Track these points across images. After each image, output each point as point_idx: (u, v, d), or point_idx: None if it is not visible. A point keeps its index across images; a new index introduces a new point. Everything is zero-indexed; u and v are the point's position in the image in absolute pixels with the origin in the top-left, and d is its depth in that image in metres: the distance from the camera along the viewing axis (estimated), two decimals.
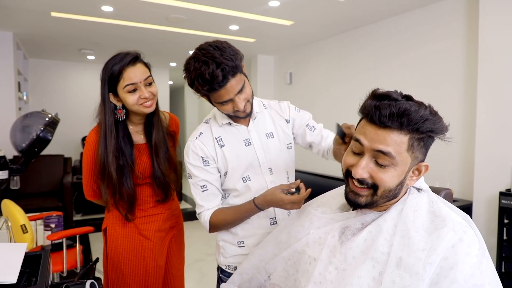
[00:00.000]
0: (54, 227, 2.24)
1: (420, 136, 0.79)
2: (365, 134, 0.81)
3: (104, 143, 1.42)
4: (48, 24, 3.97)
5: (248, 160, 1.30)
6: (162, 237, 1.59)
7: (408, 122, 0.76)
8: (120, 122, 1.45)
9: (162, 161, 1.51)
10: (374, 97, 0.81)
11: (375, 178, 0.81)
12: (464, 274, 0.71)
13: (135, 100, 1.39)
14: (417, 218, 0.81)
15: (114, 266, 1.52)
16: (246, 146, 1.31)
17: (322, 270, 0.86)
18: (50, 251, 1.23)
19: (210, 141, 1.29)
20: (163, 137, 1.53)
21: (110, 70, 1.38)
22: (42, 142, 2.60)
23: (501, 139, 2.73)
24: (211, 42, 1.16)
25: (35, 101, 5.81)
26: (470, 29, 3.03)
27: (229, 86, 1.13)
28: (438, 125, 0.78)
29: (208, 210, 1.29)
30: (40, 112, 2.79)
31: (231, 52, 1.13)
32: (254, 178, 1.31)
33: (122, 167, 1.44)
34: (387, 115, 0.77)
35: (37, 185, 4.62)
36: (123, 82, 1.38)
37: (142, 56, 1.46)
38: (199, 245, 4.13)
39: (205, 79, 1.11)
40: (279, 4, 3.37)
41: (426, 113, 0.77)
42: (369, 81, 4.02)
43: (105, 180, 1.44)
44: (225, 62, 1.10)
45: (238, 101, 1.18)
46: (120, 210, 1.51)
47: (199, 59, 1.12)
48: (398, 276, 0.74)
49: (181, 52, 5.57)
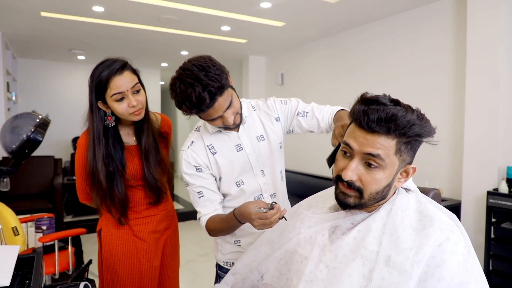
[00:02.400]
0: (45, 229, 2.23)
1: (407, 140, 0.81)
2: (354, 138, 0.83)
3: (93, 151, 1.42)
4: (37, 24, 3.93)
5: (241, 165, 1.32)
6: (156, 238, 1.60)
7: (395, 127, 0.78)
8: (110, 128, 1.45)
9: (152, 165, 1.51)
10: (363, 102, 0.83)
11: (363, 181, 0.83)
12: (451, 272, 0.73)
13: (124, 109, 1.38)
14: (405, 218, 0.83)
15: (109, 267, 1.53)
16: (238, 152, 1.32)
17: (313, 269, 0.88)
18: (42, 253, 1.23)
19: (202, 149, 1.31)
20: (153, 141, 1.53)
21: (98, 79, 1.36)
22: (33, 144, 2.58)
23: (488, 139, 2.78)
24: (194, 60, 1.14)
25: (24, 102, 5.74)
26: (459, 28, 3.08)
27: (217, 105, 1.14)
28: (425, 129, 0.80)
29: (205, 215, 1.31)
30: (31, 113, 2.77)
31: (216, 71, 1.12)
32: (247, 182, 1.33)
33: (112, 173, 1.44)
34: (375, 120, 0.78)
35: (27, 187, 4.57)
36: (110, 91, 1.36)
37: (130, 62, 1.45)
38: (192, 246, 4.13)
39: (192, 102, 1.10)
40: (271, 5, 3.39)
41: (413, 118, 0.79)
42: (359, 81, 4.07)
43: (95, 186, 1.44)
44: (211, 84, 1.09)
45: (227, 116, 1.19)
46: (113, 214, 1.51)
47: (184, 81, 1.11)
48: (387, 273, 0.77)
49: (172, 52, 5.56)
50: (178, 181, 8.88)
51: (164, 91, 9.47)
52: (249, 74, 5.78)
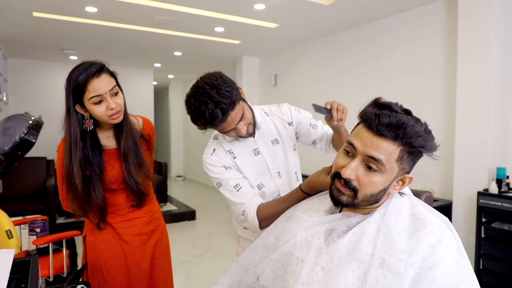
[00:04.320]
0: (39, 232, 2.21)
1: (411, 150, 0.83)
2: (360, 139, 0.85)
3: (69, 155, 1.40)
4: (29, 24, 3.89)
5: (259, 168, 1.39)
6: (144, 241, 1.59)
7: (403, 134, 0.81)
8: (87, 132, 1.43)
9: (132, 167, 1.50)
10: (376, 105, 0.86)
11: (361, 182, 0.85)
12: (443, 273, 0.75)
13: (103, 111, 1.37)
14: (399, 221, 0.85)
15: (96, 272, 1.51)
16: (256, 156, 1.39)
17: (309, 271, 0.89)
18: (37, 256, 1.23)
19: (224, 154, 1.37)
20: (133, 143, 1.51)
21: (75, 82, 1.35)
22: (26, 145, 2.57)
23: (479, 141, 2.82)
24: (206, 78, 1.20)
25: (16, 102, 5.69)
26: (450, 30, 3.13)
27: (229, 120, 1.21)
28: (429, 143, 0.83)
29: (251, 204, 1.30)
30: (23, 115, 2.75)
31: (226, 88, 1.18)
32: (266, 184, 1.40)
33: (89, 177, 1.42)
34: (386, 124, 0.81)
35: (19, 188, 4.53)
36: (88, 94, 1.35)
37: (107, 65, 1.43)
38: (185, 247, 4.13)
39: (206, 119, 1.17)
40: (265, 7, 3.40)
41: (421, 130, 0.82)
42: (353, 83, 4.10)
43: (71, 191, 1.43)
44: (223, 101, 1.16)
45: (241, 128, 1.26)
46: (90, 220, 1.50)
47: (198, 98, 1.17)
48: (382, 275, 0.78)
49: (166, 53, 5.55)
50: (172, 182, 8.87)
51: (157, 91, 9.42)
52: (242, 75, 5.79)
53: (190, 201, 6.47)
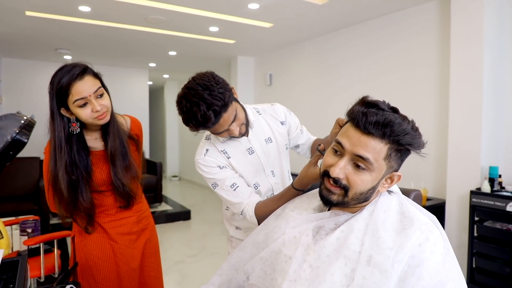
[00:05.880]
0: (30, 232, 2.20)
1: (398, 148, 0.83)
2: (348, 138, 0.85)
3: (54, 160, 1.38)
4: (22, 23, 3.86)
5: (254, 167, 1.38)
6: (133, 240, 1.58)
7: (391, 132, 0.81)
8: (74, 135, 1.41)
9: (119, 169, 1.48)
10: (363, 104, 0.86)
11: (350, 180, 0.85)
12: (430, 271, 0.76)
13: (88, 114, 1.35)
14: (387, 219, 0.85)
15: (85, 273, 1.50)
16: (250, 155, 1.38)
17: (297, 268, 0.89)
18: (27, 256, 1.22)
19: (218, 153, 1.35)
20: (120, 144, 1.49)
21: (58, 85, 1.32)
22: (18, 145, 2.55)
23: (471, 140, 2.84)
24: (198, 79, 1.18)
25: (9, 102, 5.65)
26: (443, 27, 3.14)
27: (222, 121, 1.19)
28: (417, 140, 0.83)
29: (249, 204, 1.29)
30: (15, 114, 2.73)
31: (219, 89, 1.16)
32: (261, 183, 1.40)
33: (75, 181, 1.40)
34: (373, 122, 0.81)
35: (12, 189, 4.50)
36: (72, 97, 1.32)
37: (91, 66, 1.40)
38: (180, 247, 4.12)
39: (198, 121, 1.15)
40: (259, 6, 3.40)
41: (408, 127, 0.82)
42: (348, 82, 4.10)
43: (57, 195, 1.41)
44: (215, 103, 1.14)
45: (233, 129, 1.24)
46: (78, 223, 1.48)
47: (190, 100, 1.15)
48: (369, 273, 0.79)
49: (160, 52, 5.53)
50: (167, 182, 8.84)
51: (152, 91, 9.39)
52: (237, 74, 5.79)
53: (185, 201, 6.46)
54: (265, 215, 1.21)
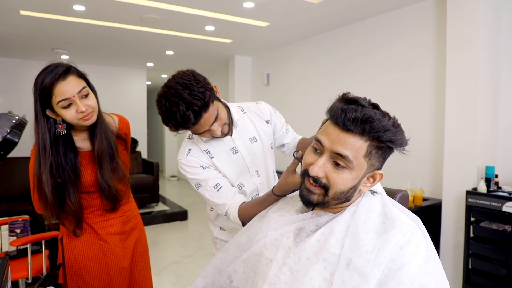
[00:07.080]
0: (19, 232, 2.17)
1: (379, 145, 0.80)
2: (327, 135, 0.83)
3: (38, 163, 1.35)
4: (17, 22, 3.85)
5: (238, 167, 1.35)
6: (123, 239, 1.57)
7: (370, 129, 0.78)
8: (61, 136, 1.37)
9: (106, 171, 1.45)
10: (343, 100, 0.83)
11: (329, 179, 0.83)
12: (411, 275, 0.73)
13: (73, 115, 1.31)
14: (368, 220, 0.83)
15: (75, 274, 1.47)
16: (234, 154, 1.35)
17: (277, 271, 0.87)
18: (13, 257, 1.20)
19: (201, 153, 1.32)
20: (107, 145, 1.46)
21: (41, 86, 1.28)
22: (9, 145, 2.53)
23: (468, 140, 2.81)
24: (178, 78, 1.14)
25: (4, 102, 5.63)
26: (439, 25, 3.11)
27: (202, 121, 1.16)
28: (398, 137, 0.80)
29: (232, 205, 1.26)
30: (7, 114, 2.70)
31: (199, 89, 1.12)
32: (246, 183, 1.37)
33: (61, 184, 1.37)
34: (352, 119, 0.78)
35: (6, 189, 4.47)
36: (56, 98, 1.28)
37: (75, 65, 1.36)
38: (176, 247, 4.10)
39: (178, 121, 1.12)
40: (254, 5, 3.38)
41: (388, 124, 0.79)
42: (345, 80, 4.08)
43: (42, 199, 1.37)
44: (195, 103, 1.10)
45: (215, 129, 1.21)
46: (66, 227, 1.45)
47: (169, 99, 1.12)
48: (348, 277, 0.76)
49: (158, 52, 5.51)
50: (165, 182, 8.83)
51: (150, 91, 9.38)
52: (235, 74, 5.76)
53: (183, 201, 6.43)
54: (249, 218, 1.18)
